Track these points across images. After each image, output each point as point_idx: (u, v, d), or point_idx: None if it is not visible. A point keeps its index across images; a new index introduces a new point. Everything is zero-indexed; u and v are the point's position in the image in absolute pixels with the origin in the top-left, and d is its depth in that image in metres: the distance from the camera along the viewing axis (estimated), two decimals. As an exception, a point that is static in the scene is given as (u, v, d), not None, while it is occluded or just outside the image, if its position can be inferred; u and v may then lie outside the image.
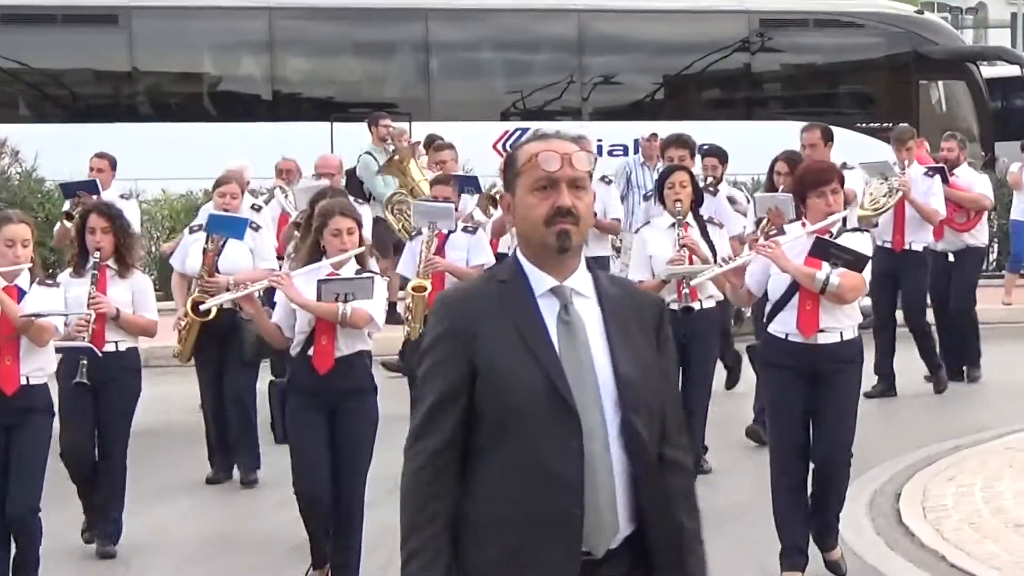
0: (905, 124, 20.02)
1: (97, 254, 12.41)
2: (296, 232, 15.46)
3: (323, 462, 11.56)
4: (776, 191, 16.31)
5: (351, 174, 24.26)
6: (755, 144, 28.36)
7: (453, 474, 5.83)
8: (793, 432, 11.39)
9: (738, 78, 35.48)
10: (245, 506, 15.07)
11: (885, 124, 32.89)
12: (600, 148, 31.44)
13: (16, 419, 11.05)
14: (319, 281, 11.38)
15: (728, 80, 35.66)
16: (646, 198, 17.81)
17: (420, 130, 28.33)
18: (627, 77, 34.97)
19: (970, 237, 19.57)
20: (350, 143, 27.11)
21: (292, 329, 11.56)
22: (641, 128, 27.59)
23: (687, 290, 13.83)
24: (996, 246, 30.76)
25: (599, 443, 5.76)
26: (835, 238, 11.39)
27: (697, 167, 18.50)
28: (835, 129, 31.38)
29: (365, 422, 11.61)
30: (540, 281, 5.93)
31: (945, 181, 18.92)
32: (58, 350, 12.05)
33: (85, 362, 12.25)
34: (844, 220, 11.85)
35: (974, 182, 19.98)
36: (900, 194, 17.94)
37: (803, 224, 11.43)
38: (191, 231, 15.95)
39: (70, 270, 12.57)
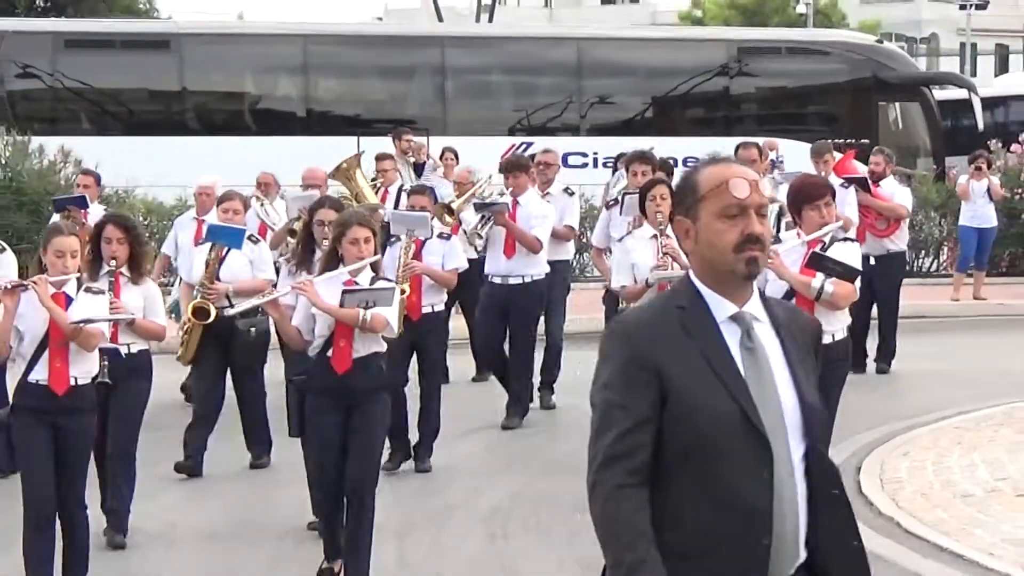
0: (824, 140, 20.62)
1: (113, 262, 11.84)
2: (290, 238, 15.48)
3: (338, 463, 11.08)
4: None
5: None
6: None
7: (647, 498, 5.46)
8: None
9: (718, 99, 35.63)
10: (255, 495, 14.67)
11: (849, 140, 33.50)
12: (596, 160, 31.86)
13: (65, 418, 10.60)
14: (344, 291, 10.95)
15: (709, 101, 35.66)
16: (608, 206, 17.07)
17: (436, 144, 28.11)
18: (620, 98, 35.14)
19: (890, 243, 19.91)
20: (375, 151, 25.95)
21: (311, 332, 11.22)
22: (633, 143, 25.22)
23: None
24: (946, 249, 31.07)
25: (786, 471, 5.50)
26: (827, 247, 11.36)
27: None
28: (797, 144, 32.65)
29: (379, 418, 11.37)
30: (721, 307, 5.60)
31: (868, 191, 19.40)
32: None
33: (106, 362, 11.68)
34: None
35: (895, 193, 19.91)
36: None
37: (798, 234, 11.33)
38: (197, 244, 15.46)
39: (84, 276, 11.51)
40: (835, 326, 11.37)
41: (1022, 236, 30.74)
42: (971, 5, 78.86)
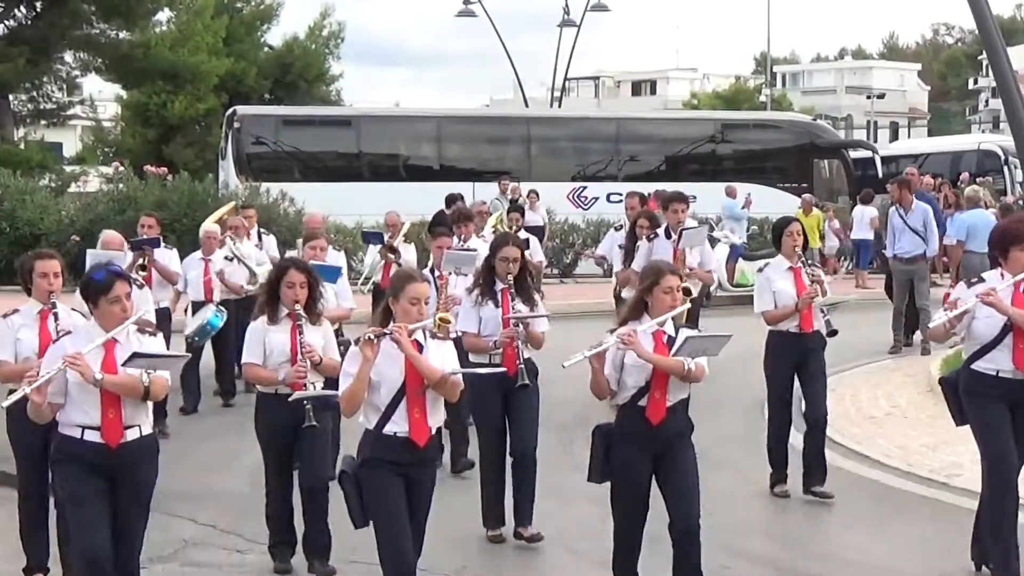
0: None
1: (297, 306, 8.27)
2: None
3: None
4: (637, 240, 12.87)
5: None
6: (717, 196, 29.46)
7: None
8: (1010, 447, 7.79)
9: (708, 157, 35.16)
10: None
11: (793, 185, 33.69)
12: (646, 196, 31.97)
13: (417, 470, 6.85)
14: (687, 338, 7.22)
15: (702, 158, 35.15)
16: (649, 239, 12.73)
17: (526, 186, 28.57)
18: (644, 156, 34.66)
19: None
20: (487, 194, 26.68)
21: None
22: (653, 186, 25.89)
23: (829, 316, 10.34)
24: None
25: None
26: None
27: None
28: (761, 187, 32.52)
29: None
30: None
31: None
32: (304, 400, 8.13)
33: (310, 407, 8.16)
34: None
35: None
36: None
37: (1002, 275, 7.90)
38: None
39: (264, 318, 8.41)
40: None
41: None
42: (874, 97, 78.67)
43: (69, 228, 25.26)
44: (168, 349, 7.57)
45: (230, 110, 33.92)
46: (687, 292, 11.06)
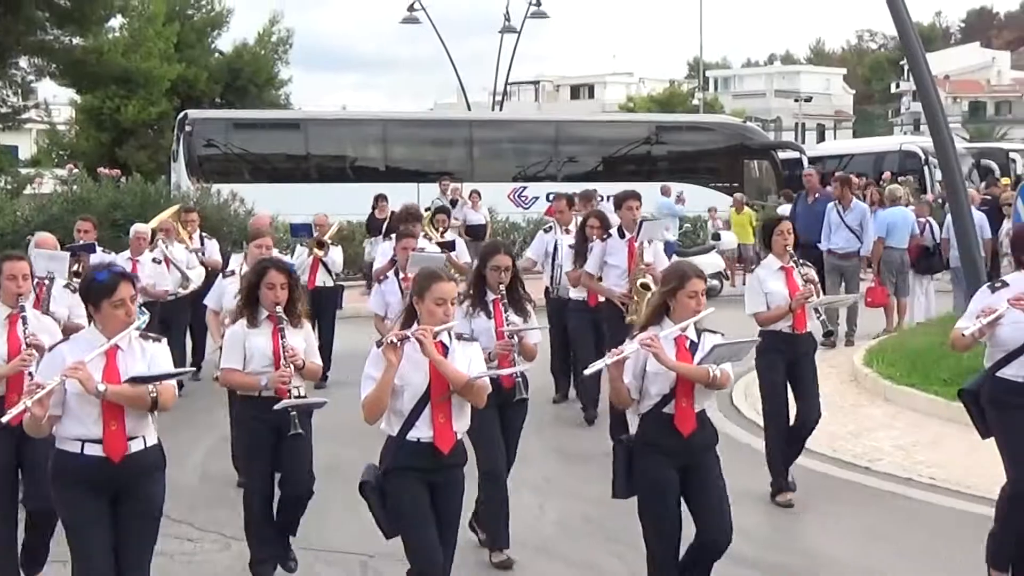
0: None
1: (278, 308, 7.64)
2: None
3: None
4: (588, 241, 12.26)
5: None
6: (652, 195, 29.58)
7: None
8: None
9: (643, 158, 35.33)
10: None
11: (724, 184, 33.96)
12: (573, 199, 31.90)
13: (442, 475, 6.29)
14: (715, 346, 6.60)
15: (638, 159, 35.31)
16: (603, 239, 11.95)
17: (468, 186, 28.59)
18: (582, 157, 34.82)
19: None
20: (429, 195, 26.93)
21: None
22: (590, 187, 25.84)
23: (823, 317, 9.83)
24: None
25: None
26: None
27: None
28: (694, 187, 32.74)
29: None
30: None
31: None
32: (289, 408, 7.52)
33: (295, 415, 7.55)
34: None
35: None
36: None
37: None
38: (224, 275, 11.10)
39: (243, 322, 7.76)
40: None
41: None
42: (801, 100, 79.23)
43: (24, 228, 24.88)
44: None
45: (182, 114, 33.73)
46: (646, 287, 11.15)
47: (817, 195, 18.01)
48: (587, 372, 6.70)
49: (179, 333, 14.40)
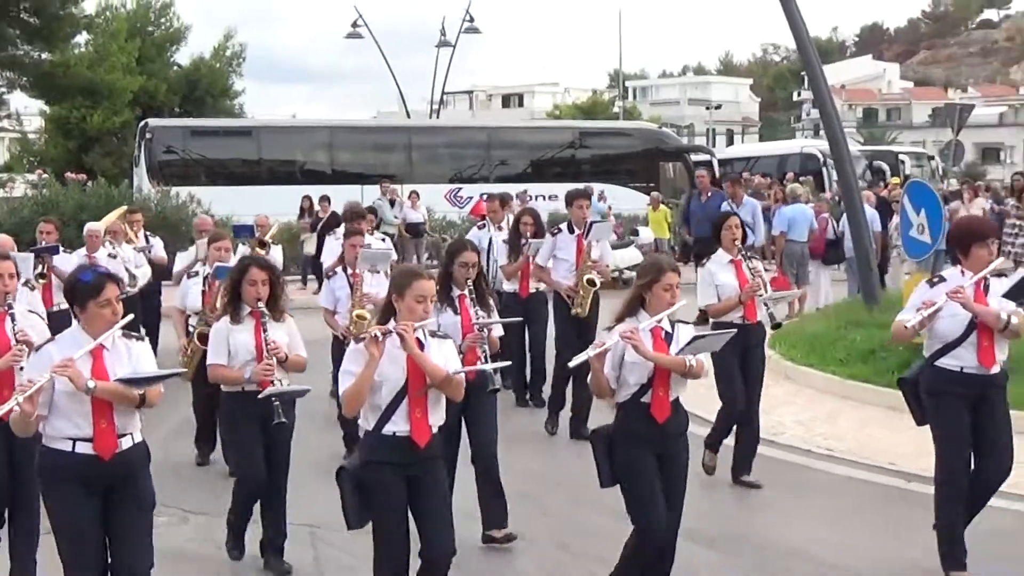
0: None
1: (260, 304, 7.36)
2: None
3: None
4: (521, 237, 11.86)
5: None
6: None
7: None
8: (966, 449, 7.07)
9: (568, 161, 35.27)
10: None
11: (642, 185, 34.11)
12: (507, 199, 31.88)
13: (420, 468, 5.87)
14: (693, 337, 6.45)
15: (563, 162, 35.27)
16: (552, 233, 11.51)
17: (408, 187, 28.57)
18: (512, 161, 34.76)
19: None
20: (371, 195, 26.82)
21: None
22: (521, 187, 26.54)
23: (773, 310, 9.44)
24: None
25: None
26: (987, 283, 7.06)
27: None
28: (615, 187, 32.86)
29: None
30: None
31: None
32: (272, 396, 7.20)
33: (278, 404, 7.24)
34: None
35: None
36: None
37: (962, 272, 7.07)
38: (188, 276, 10.76)
39: (227, 319, 7.48)
40: (1004, 354, 7.14)
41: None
42: (712, 108, 79.71)
43: (-4, 230, 24.70)
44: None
45: (143, 122, 33.37)
46: (592, 283, 11.09)
47: (710, 193, 18.10)
48: (572, 364, 6.45)
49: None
